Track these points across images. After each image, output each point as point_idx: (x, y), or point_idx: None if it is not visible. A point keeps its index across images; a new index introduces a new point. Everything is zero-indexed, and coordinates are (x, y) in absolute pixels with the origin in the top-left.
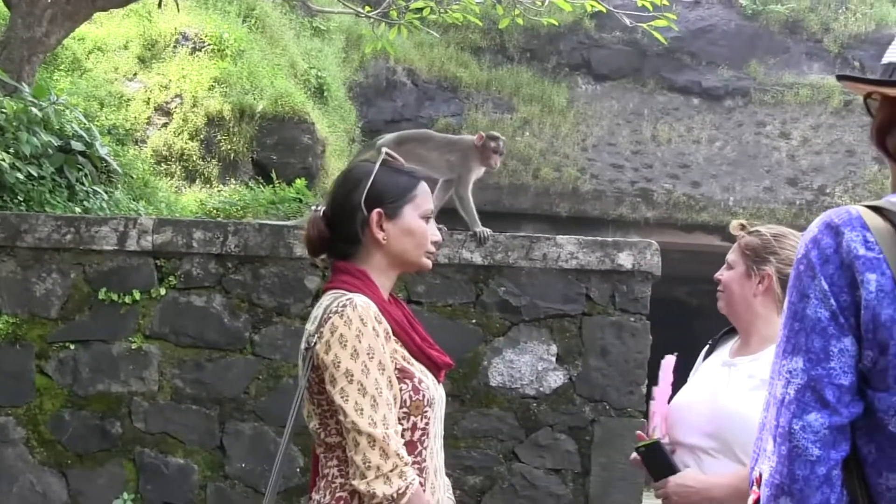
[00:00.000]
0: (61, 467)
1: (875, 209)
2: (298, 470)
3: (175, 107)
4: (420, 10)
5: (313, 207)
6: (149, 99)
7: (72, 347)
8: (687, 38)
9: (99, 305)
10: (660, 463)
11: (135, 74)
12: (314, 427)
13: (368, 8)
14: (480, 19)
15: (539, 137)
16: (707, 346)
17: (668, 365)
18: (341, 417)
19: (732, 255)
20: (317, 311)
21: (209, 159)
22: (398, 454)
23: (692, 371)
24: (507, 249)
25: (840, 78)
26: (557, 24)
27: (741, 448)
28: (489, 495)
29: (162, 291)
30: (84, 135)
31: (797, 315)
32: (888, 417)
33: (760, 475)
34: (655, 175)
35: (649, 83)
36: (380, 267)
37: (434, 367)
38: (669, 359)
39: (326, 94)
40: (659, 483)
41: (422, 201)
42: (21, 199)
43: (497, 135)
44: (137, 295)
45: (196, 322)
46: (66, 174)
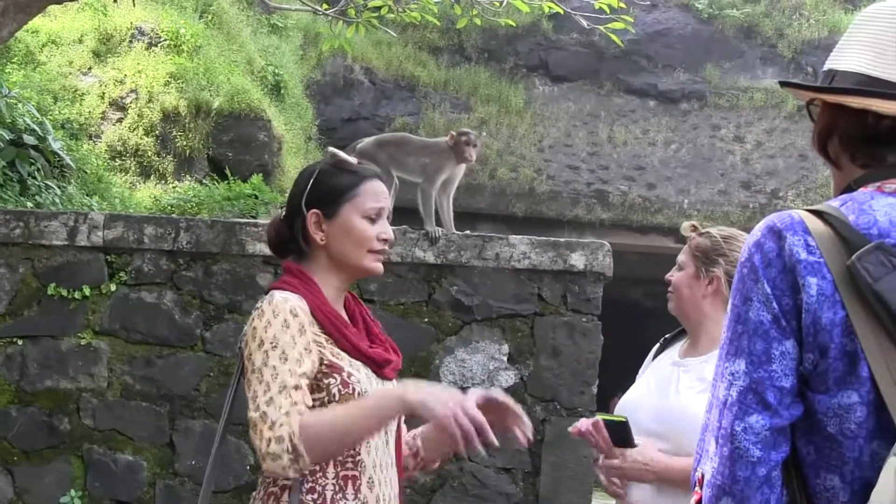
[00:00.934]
0: (7, 464)
1: (816, 213)
2: (248, 468)
3: (130, 102)
4: (378, 9)
5: (279, 208)
6: (103, 94)
7: (20, 343)
8: (644, 41)
9: (48, 301)
10: (620, 438)
11: (89, 69)
12: (223, 418)
13: (326, 6)
14: (438, 19)
15: (496, 138)
16: (658, 346)
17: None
18: None
19: (683, 257)
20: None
21: (164, 155)
22: (273, 427)
23: (641, 370)
24: (460, 249)
25: (783, 84)
26: (515, 25)
27: (694, 448)
28: (440, 494)
29: (112, 287)
30: (37, 129)
31: (740, 318)
32: (827, 419)
33: (703, 476)
34: (611, 177)
35: (606, 85)
36: (325, 268)
37: (373, 364)
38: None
39: (283, 92)
40: (616, 453)
41: (363, 200)
42: None
43: (467, 130)
44: (87, 290)
45: (147, 318)
46: (18, 168)
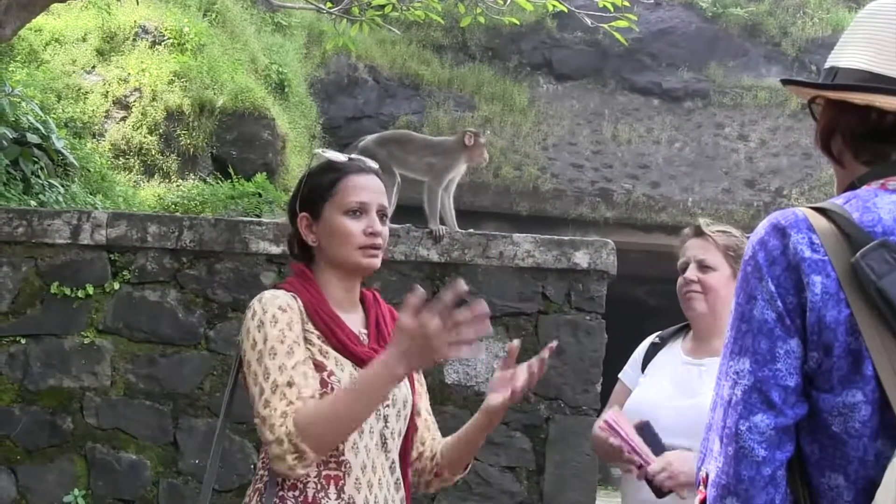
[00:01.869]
0: (10, 463)
1: (821, 211)
2: (252, 466)
3: (134, 100)
4: (382, 7)
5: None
6: (107, 92)
7: (22, 342)
8: (647, 40)
9: (51, 299)
10: (648, 441)
11: (93, 67)
12: (222, 415)
13: (330, 4)
14: (442, 17)
15: (500, 136)
16: (651, 344)
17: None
18: None
19: (707, 256)
20: None
21: (168, 154)
22: (273, 430)
23: (630, 368)
24: (464, 247)
25: (785, 83)
26: (519, 24)
27: None
28: (443, 492)
29: (115, 286)
30: (40, 127)
31: (744, 316)
32: (832, 418)
33: (707, 475)
34: (615, 175)
35: (610, 83)
36: (327, 267)
37: (363, 364)
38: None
39: (287, 90)
40: (649, 459)
41: (342, 197)
42: None
43: (476, 130)
44: (90, 289)
45: (150, 317)
46: (22, 167)
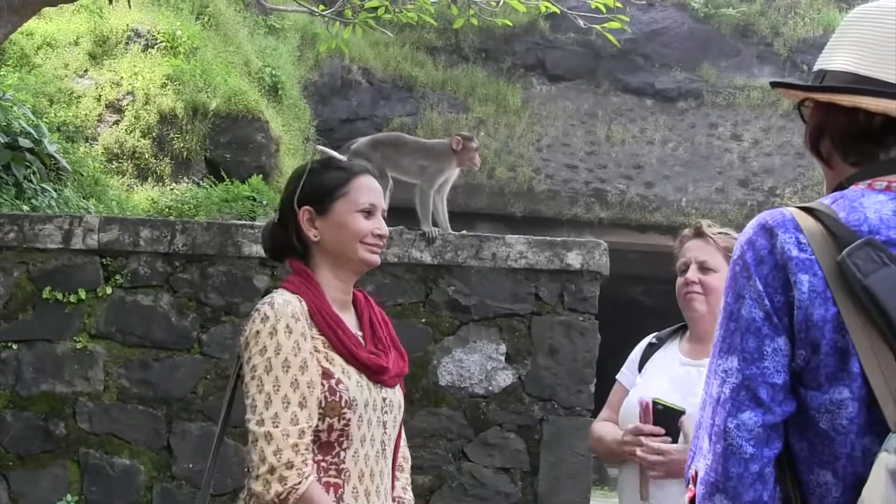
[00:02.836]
0: (2, 470)
1: (808, 211)
2: (247, 470)
3: (127, 104)
4: (375, 10)
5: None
6: (100, 96)
7: (14, 347)
8: (640, 40)
9: (43, 304)
10: (666, 427)
11: (85, 71)
12: (222, 419)
13: (323, 6)
14: (435, 19)
15: (494, 137)
16: (649, 344)
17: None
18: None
19: (708, 257)
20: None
21: (161, 157)
22: (277, 455)
23: (627, 369)
24: (457, 249)
25: (774, 85)
26: (512, 25)
27: None
28: (438, 494)
29: (108, 290)
30: (32, 132)
31: (733, 315)
32: (819, 415)
33: (696, 473)
34: (609, 175)
35: (603, 84)
36: (324, 266)
37: (367, 371)
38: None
39: (281, 93)
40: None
41: (356, 196)
42: None
43: (469, 134)
44: (83, 294)
45: (143, 321)
46: (14, 172)
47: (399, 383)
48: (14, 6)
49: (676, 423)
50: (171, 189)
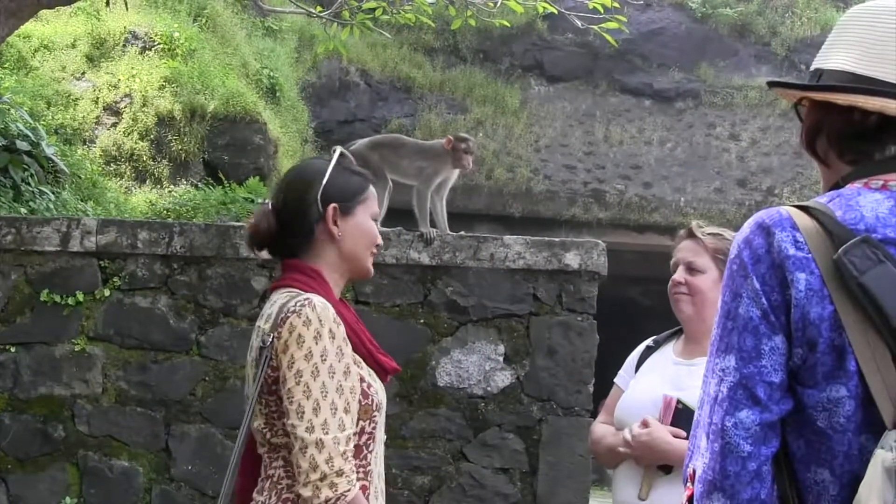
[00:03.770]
0: (1, 473)
1: (804, 209)
2: None
3: (124, 106)
4: (372, 11)
5: (263, 202)
6: (97, 98)
7: (13, 350)
8: (638, 41)
9: (41, 307)
10: (682, 425)
11: (83, 73)
12: (258, 426)
13: (320, 8)
14: (433, 20)
15: (492, 138)
16: (646, 347)
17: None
18: (285, 419)
19: (696, 258)
20: (270, 310)
21: (159, 160)
22: (329, 462)
23: (624, 372)
24: (455, 249)
25: (771, 84)
26: (510, 26)
27: None
28: (437, 495)
29: (106, 293)
30: (30, 134)
31: (730, 314)
32: (816, 413)
33: (694, 471)
34: (608, 176)
35: (601, 85)
36: (331, 265)
37: (381, 372)
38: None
39: (279, 95)
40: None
41: (371, 203)
42: None
43: (465, 136)
44: (81, 296)
45: (141, 323)
46: (12, 174)
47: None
48: (11, 9)
49: (687, 422)
50: (169, 191)
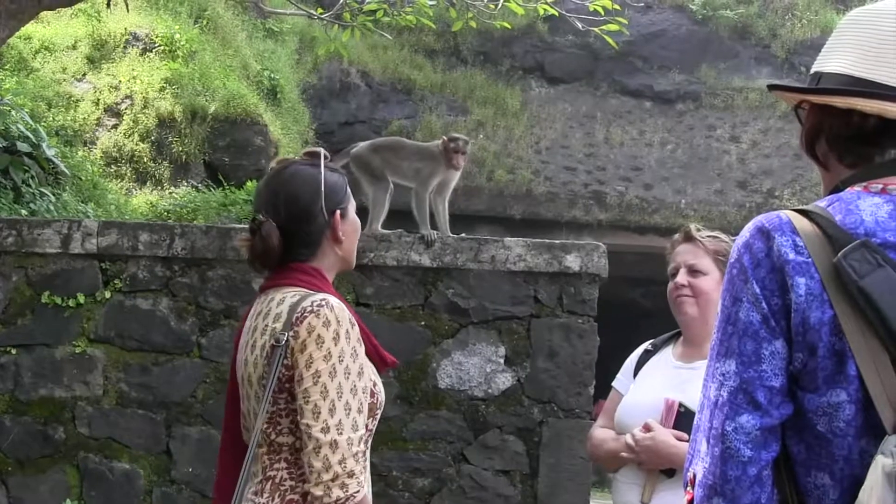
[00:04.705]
0: (1, 475)
1: (804, 213)
2: None
3: (125, 108)
4: (373, 13)
5: (259, 218)
6: (98, 100)
7: (13, 352)
8: (639, 43)
9: (42, 309)
10: (683, 429)
11: (84, 75)
12: (261, 425)
13: (321, 10)
14: (434, 22)
15: (493, 140)
16: (644, 351)
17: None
18: (299, 418)
19: (697, 260)
20: (279, 308)
21: (160, 161)
22: (342, 463)
23: (623, 375)
24: (456, 252)
25: (771, 88)
26: (511, 28)
27: None
28: (438, 497)
29: (107, 295)
30: (30, 136)
31: (730, 318)
32: (817, 418)
33: (694, 476)
34: (608, 177)
35: (602, 86)
36: (331, 266)
37: (382, 364)
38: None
39: (279, 96)
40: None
41: (350, 194)
42: None
43: (457, 136)
44: (82, 298)
45: (142, 325)
46: (12, 176)
47: None
48: (12, 11)
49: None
50: (170, 193)
